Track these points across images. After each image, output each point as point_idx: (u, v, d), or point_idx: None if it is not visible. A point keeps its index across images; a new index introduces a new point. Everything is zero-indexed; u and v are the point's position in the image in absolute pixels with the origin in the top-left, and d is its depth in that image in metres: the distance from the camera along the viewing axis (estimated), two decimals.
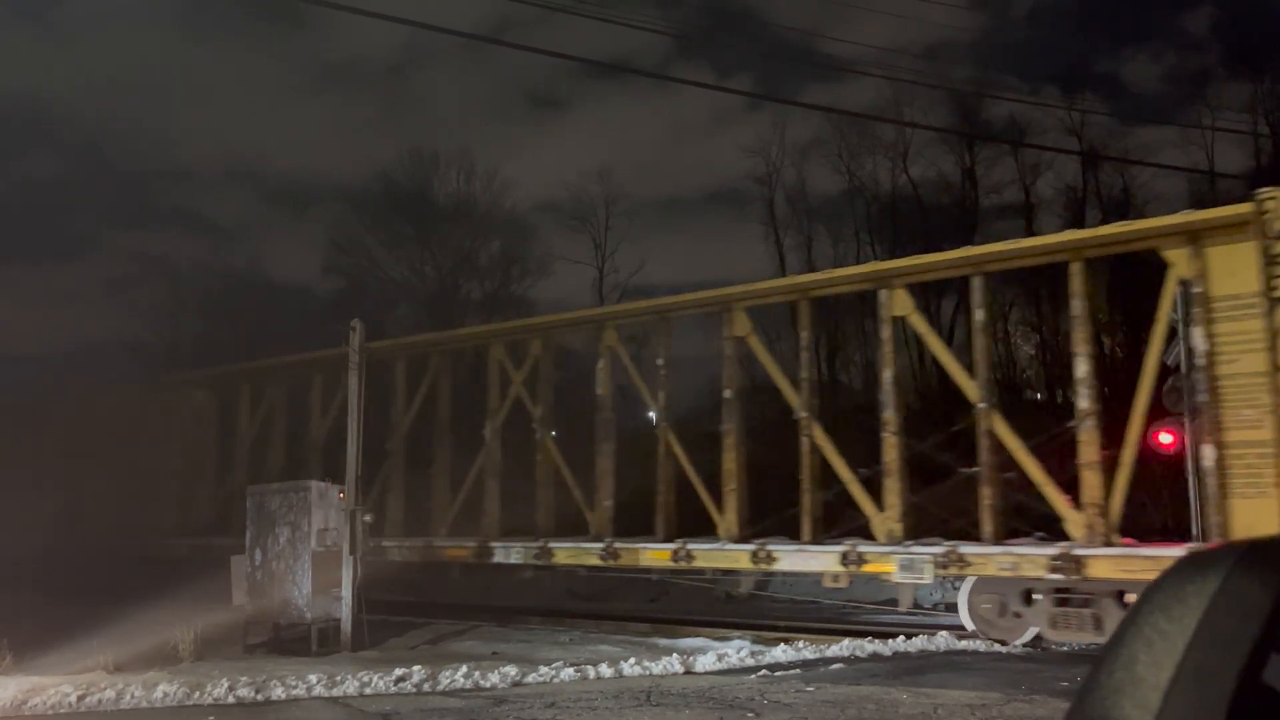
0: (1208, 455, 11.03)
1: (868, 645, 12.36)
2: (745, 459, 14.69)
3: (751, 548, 13.97)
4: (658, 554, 14.83)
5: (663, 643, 13.50)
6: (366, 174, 64.62)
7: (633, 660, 11.38)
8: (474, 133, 74.01)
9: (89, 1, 48.31)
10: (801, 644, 12.61)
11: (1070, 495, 12.10)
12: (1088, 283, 12.37)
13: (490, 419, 17.25)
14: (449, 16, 45.72)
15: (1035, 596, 12.36)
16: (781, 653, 12.11)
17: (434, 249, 40.36)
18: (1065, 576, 11.62)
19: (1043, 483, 12.22)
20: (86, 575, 18.30)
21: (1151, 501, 16.30)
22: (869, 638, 12.73)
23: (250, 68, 61.16)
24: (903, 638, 12.73)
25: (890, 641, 12.55)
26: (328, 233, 43.70)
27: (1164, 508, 16.25)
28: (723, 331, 15.16)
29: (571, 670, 11.03)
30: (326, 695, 10.13)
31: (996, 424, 12.66)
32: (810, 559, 13.62)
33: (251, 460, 20.06)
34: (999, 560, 12.14)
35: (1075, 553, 11.57)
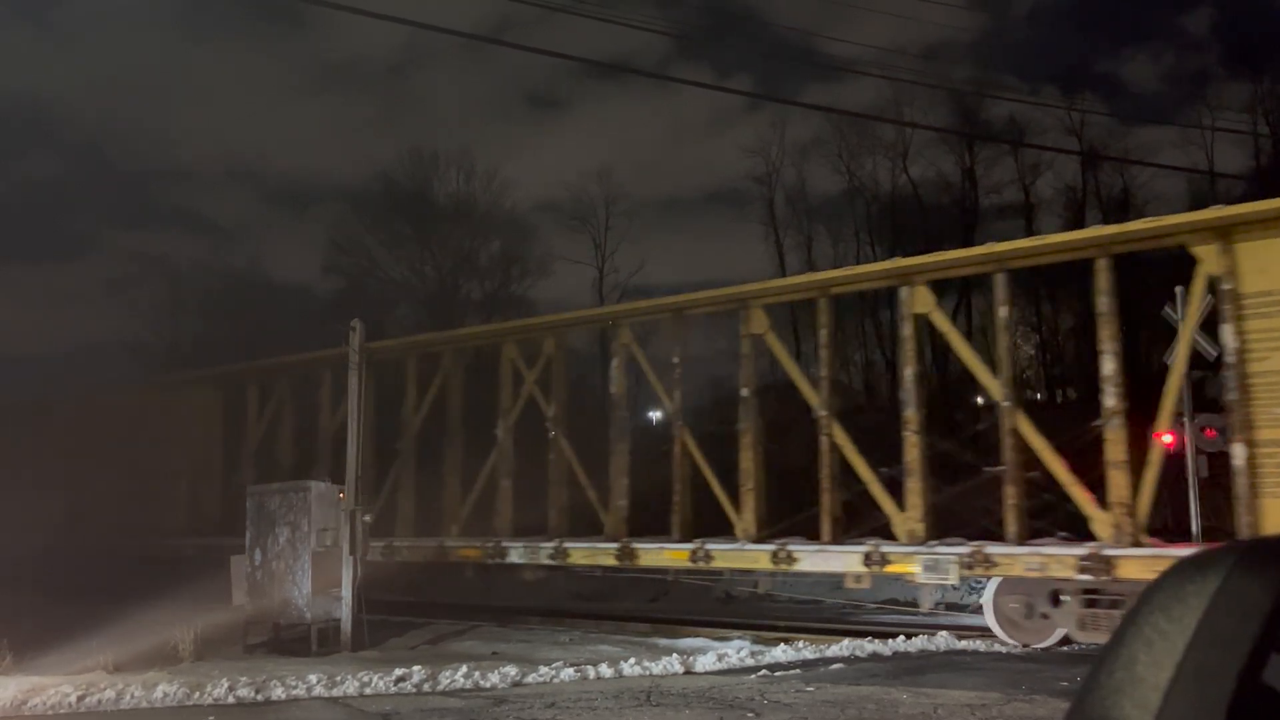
0: (1238, 454, 10.74)
1: (868, 645, 12.34)
2: (763, 458, 14.46)
3: (771, 548, 13.65)
4: (676, 554, 14.55)
5: (663, 643, 13.50)
6: (366, 174, 64.81)
7: (633, 660, 11.38)
8: (474, 133, 74.17)
9: (89, 1, 48.33)
10: (801, 644, 12.60)
11: (1092, 495, 11.81)
12: (1111, 279, 12.06)
13: (503, 418, 17.07)
14: (449, 16, 45.79)
15: (1063, 598, 12.02)
16: (781, 653, 12.11)
17: (434, 249, 40.41)
18: (1094, 577, 11.30)
19: (1069, 482, 11.92)
20: (88, 575, 18.26)
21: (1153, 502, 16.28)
22: (869, 638, 12.71)
23: (250, 68, 61.26)
24: (903, 638, 12.71)
25: (890, 641, 12.54)
26: (328, 233, 43.80)
27: (1164, 507, 16.24)
28: (740, 329, 14.95)
29: (571, 670, 11.03)
30: (326, 695, 10.13)
31: (1020, 423, 12.35)
32: (832, 559, 13.29)
33: (259, 459, 19.93)
34: (1026, 560, 11.78)
35: (1105, 553, 11.26)
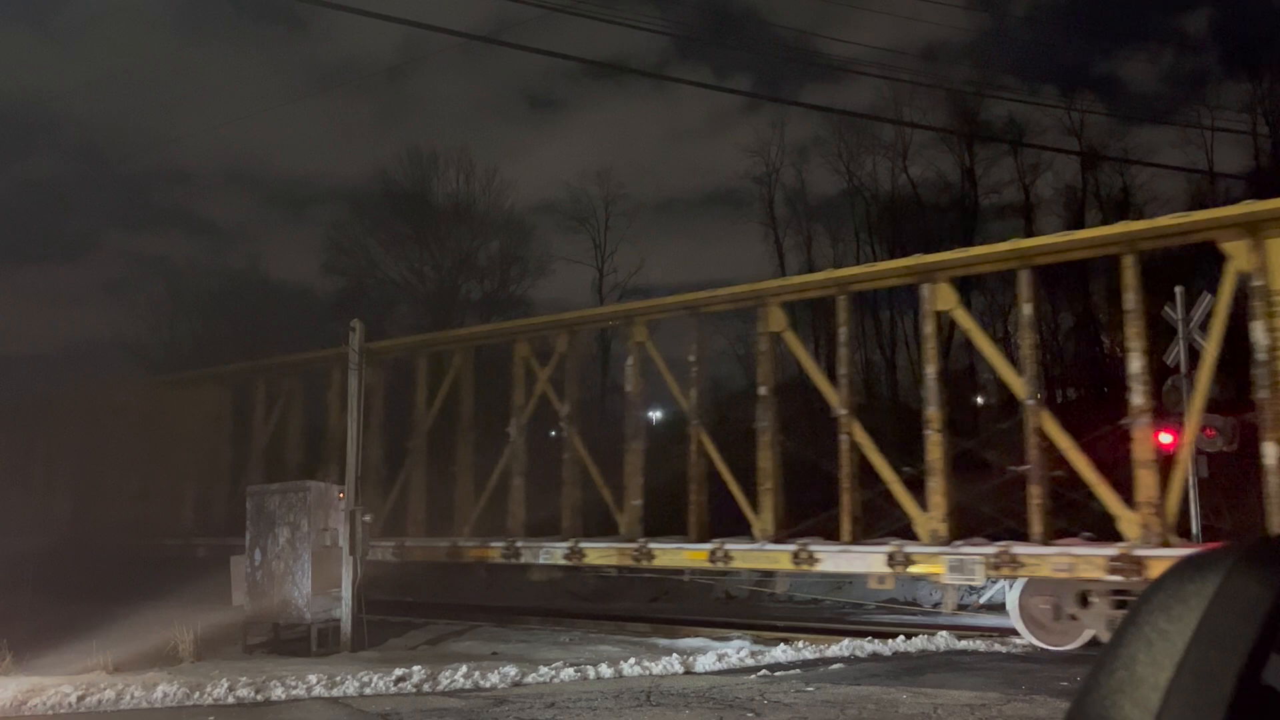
0: (1270, 453, 10.51)
1: (868, 645, 12.34)
2: (781, 457, 14.27)
3: (792, 548, 13.37)
4: (694, 555, 14.30)
5: (663, 643, 13.50)
6: (366, 174, 64.83)
7: (633, 660, 11.38)
8: (473, 133, 74.21)
9: (89, 2, 48.35)
10: (801, 644, 12.61)
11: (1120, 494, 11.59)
12: (1139, 275, 11.82)
13: (516, 416, 16.93)
14: (449, 16, 45.73)
15: (1091, 599, 11.80)
16: (781, 653, 12.12)
17: (433, 249, 40.37)
18: (1125, 578, 11.04)
19: (1095, 482, 11.73)
20: (92, 575, 18.21)
21: None
22: (869, 638, 12.71)
23: (250, 68, 61.21)
24: (903, 638, 12.72)
25: (890, 641, 12.54)
26: (327, 233, 43.80)
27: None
28: (758, 327, 14.81)
29: (571, 670, 11.03)
30: (326, 695, 10.14)
31: (1045, 421, 12.12)
32: (855, 560, 12.98)
33: (268, 458, 19.80)
34: (1055, 561, 11.51)
35: (1136, 553, 11.01)
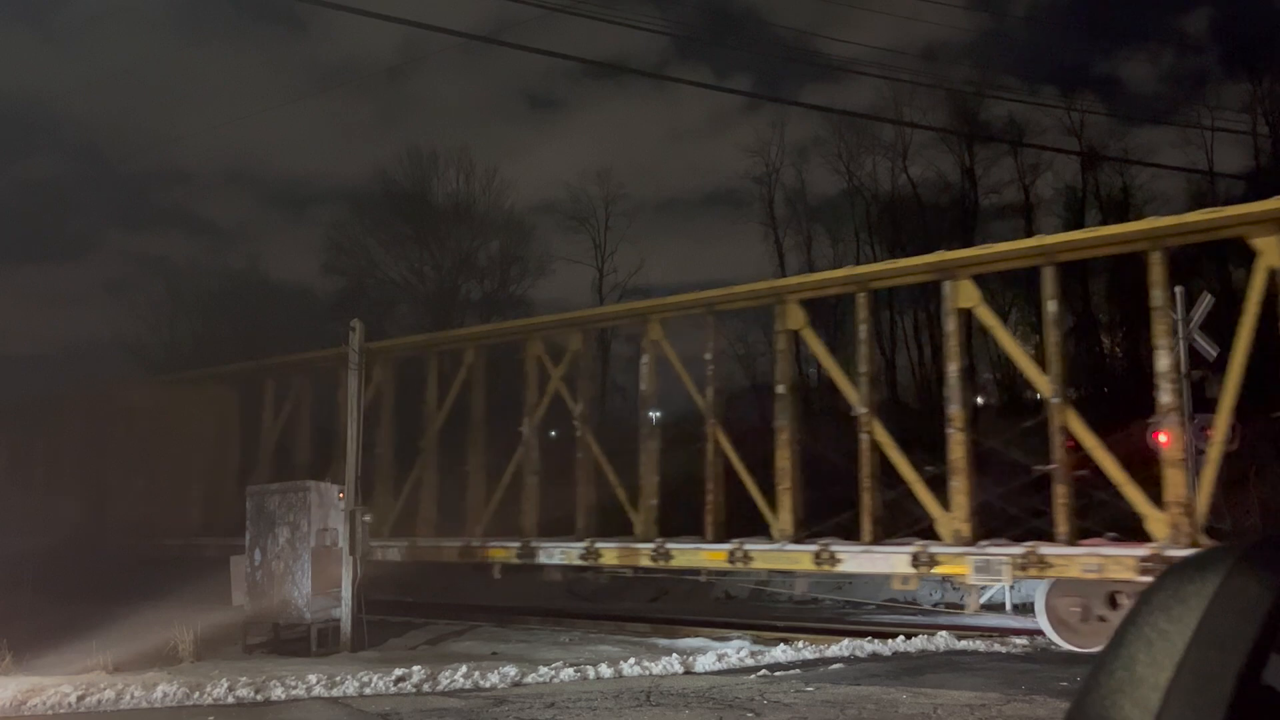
0: None
1: (867, 645, 12.32)
2: (799, 457, 14.15)
3: (814, 548, 13.18)
4: (713, 555, 14.15)
5: (663, 643, 13.49)
6: (366, 174, 64.82)
7: (632, 660, 11.37)
8: (473, 133, 74.24)
9: (89, 2, 48.35)
10: (801, 644, 12.59)
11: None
12: (1166, 272, 11.65)
13: (528, 416, 16.83)
14: (449, 16, 45.78)
15: (1120, 600, 11.58)
16: (781, 653, 12.10)
17: (433, 249, 40.41)
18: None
19: (1122, 481, 11.52)
20: (89, 576, 18.19)
21: None
22: (869, 638, 12.68)
23: (249, 69, 61.25)
24: (902, 638, 12.69)
25: (890, 641, 12.52)
26: (327, 233, 43.81)
27: None
28: (775, 325, 14.72)
29: (571, 670, 11.03)
30: (326, 695, 10.13)
31: (1071, 420, 11.95)
32: (878, 560, 12.81)
33: (277, 457, 19.74)
34: (1083, 562, 11.32)
35: (1168, 554, 10.74)
